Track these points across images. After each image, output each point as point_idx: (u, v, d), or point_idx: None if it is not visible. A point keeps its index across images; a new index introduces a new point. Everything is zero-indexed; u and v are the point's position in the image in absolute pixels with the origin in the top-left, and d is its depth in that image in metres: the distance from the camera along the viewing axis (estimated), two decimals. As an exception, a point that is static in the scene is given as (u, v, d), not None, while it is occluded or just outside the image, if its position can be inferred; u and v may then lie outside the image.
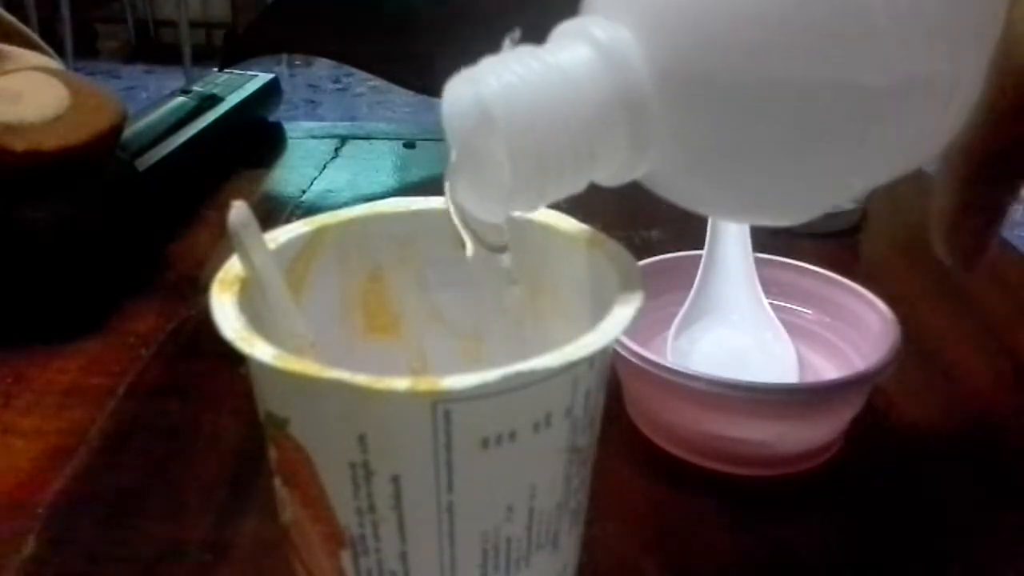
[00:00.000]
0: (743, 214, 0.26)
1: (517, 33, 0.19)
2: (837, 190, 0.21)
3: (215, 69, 0.64)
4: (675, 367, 0.29)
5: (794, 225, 0.22)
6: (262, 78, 0.65)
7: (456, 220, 0.21)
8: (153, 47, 3.38)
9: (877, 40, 0.18)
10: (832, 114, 0.18)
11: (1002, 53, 0.20)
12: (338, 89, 3.02)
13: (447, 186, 0.21)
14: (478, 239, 0.21)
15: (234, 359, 0.18)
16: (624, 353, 0.30)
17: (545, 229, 0.23)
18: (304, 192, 0.56)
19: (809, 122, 0.18)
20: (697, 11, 0.18)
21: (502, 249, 0.22)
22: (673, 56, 0.18)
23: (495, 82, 0.18)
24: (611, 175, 0.20)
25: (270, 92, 0.66)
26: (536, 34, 0.19)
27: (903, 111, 0.19)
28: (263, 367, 0.18)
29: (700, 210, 0.22)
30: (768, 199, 0.21)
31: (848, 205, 0.50)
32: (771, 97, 0.18)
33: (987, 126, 0.22)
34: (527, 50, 0.19)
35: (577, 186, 0.20)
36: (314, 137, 0.66)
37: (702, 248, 0.36)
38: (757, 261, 0.36)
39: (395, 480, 0.18)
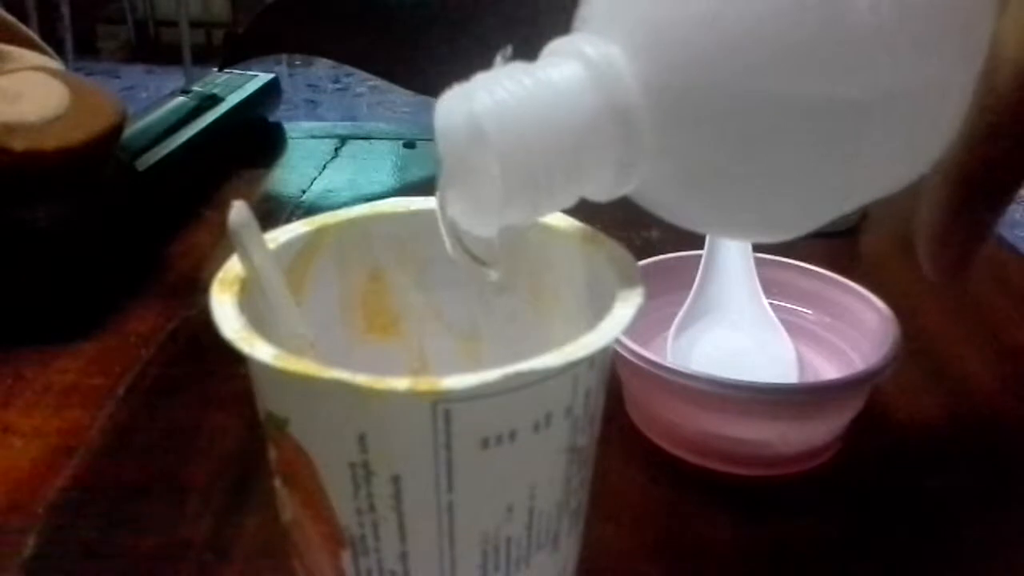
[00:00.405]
0: (734, 230, 0.26)
1: (509, 50, 0.19)
2: (828, 206, 0.21)
3: (215, 69, 0.64)
4: (675, 367, 0.29)
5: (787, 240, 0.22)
6: (262, 78, 0.65)
7: (445, 234, 0.21)
8: (153, 47, 3.38)
9: (866, 55, 0.18)
10: (822, 129, 0.18)
11: (984, 73, 0.20)
12: (338, 89, 3.02)
13: (438, 200, 0.21)
14: (468, 253, 0.21)
15: (234, 359, 0.18)
16: (624, 353, 0.30)
17: (545, 229, 0.23)
18: (304, 192, 0.56)
19: (799, 138, 0.18)
20: (686, 29, 0.18)
21: (491, 264, 0.21)
22: (663, 73, 0.19)
23: (487, 97, 0.18)
24: (601, 190, 0.20)
25: (270, 92, 0.66)
26: (527, 50, 0.20)
27: (893, 126, 0.19)
28: (263, 367, 0.18)
29: (691, 227, 0.22)
30: (758, 216, 0.21)
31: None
32: (761, 113, 0.18)
33: (965, 148, 0.22)
34: (519, 66, 0.19)
35: (568, 201, 0.20)
36: (314, 137, 0.66)
37: (702, 248, 0.36)
38: (757, 261, 0.36)
39: (395, 480, 0.18)
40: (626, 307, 0.19)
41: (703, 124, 0.19)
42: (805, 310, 0.36)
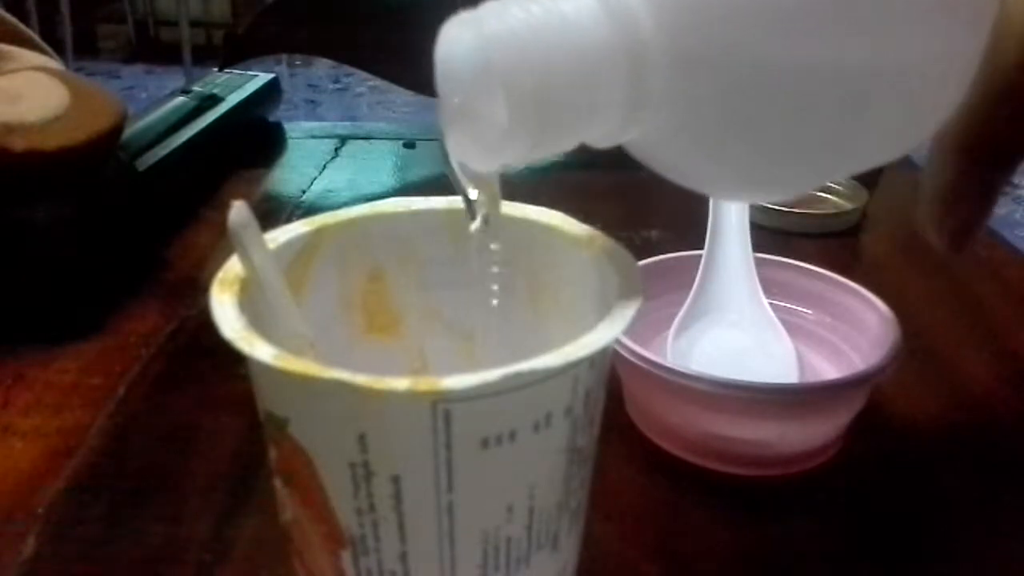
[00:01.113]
0: (734, 188, 0.25)
1: None
2: (831, 168, 0.21)
3: (215, 69, 0.64)
4: (675, 367, 0.29)
5: (784, 202, 0.22)
6: (262, 78, 0.65)
7: (453, 166, 0.20)
8: (153, 47, 3.38)
9: (877, 19, 0.18)
10: (829, 90, 0.18)
11: (992, 38, 0.21)
12: (338, 89, 3.02)
13: (440, 134, 0.20)
14: (468, 198, 0.21)
15: (234, 359, 0.18)
16: (624, 353, 0.30)
17: (545, 229, 0.23)
18: (304, 192, 0.56)
19: (806, 98, 0.18)
20: None
21: (492, 209, 0.21)
22: (677, 15, 0.18)
23: (495, 23, 0.18)
24: (604, 134, 0.19)
25: (270, 92, 0.66)
26: None
27: (900, 91, 0.19)
28: (263, 367, 0.18)
29: (689, 184, 0.21)
30: (761, 173, 0.21)
31: (844, 197, 0.50)
32: (769, 72, 0.18)
33: (973, 111, 0.22)
34: None
35: (570, 142, 0.19)
36: (314, 137, 0.66)
37: (702, 248, 0.36)
38: (757, 261, 0.36)
39: (395, 480, 0.18)
40: (626, 307, 0.19)
41: (713, 72, 0.18)
42: (805, 310, 0.36)
